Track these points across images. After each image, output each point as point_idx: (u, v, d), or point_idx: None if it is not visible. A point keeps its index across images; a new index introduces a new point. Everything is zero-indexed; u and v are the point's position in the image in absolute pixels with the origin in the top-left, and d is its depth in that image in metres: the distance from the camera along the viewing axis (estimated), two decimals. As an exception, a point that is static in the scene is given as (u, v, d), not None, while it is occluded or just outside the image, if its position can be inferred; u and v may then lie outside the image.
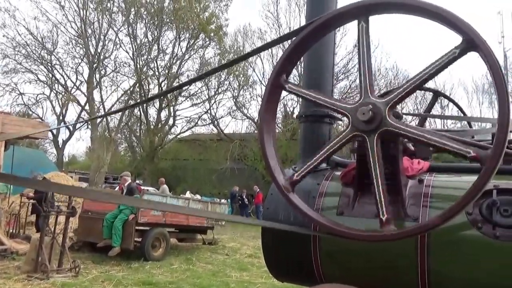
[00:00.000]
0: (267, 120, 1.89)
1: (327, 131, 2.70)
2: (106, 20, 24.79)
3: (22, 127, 9.18)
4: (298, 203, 1.81)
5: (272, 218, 2.40)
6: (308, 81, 2.75)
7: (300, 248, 2.25)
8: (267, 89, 1.87)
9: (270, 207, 2.52)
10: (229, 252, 11.35)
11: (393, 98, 1.61)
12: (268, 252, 2.48)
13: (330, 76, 2.80)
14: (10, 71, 24.09)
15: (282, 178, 1.81)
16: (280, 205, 2.38)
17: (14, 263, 8.33)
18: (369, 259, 2.04)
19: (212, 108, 28.89)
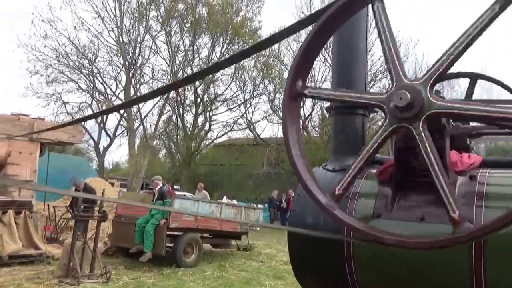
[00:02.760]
0: (292, 134, 1.70)
1: (361, 124, 2.47)
2: (143, 28, 25.22)
3: (57, 132, 9.27)
4: (346, 218, 1.60)
5: (300, 222, 2.25)
6: (338, 79, 2.55)
7: (331, 255, 2.09)
8: (284, 103, 1.69)
9: (297, 210, 2.36)
10: (264, 259, 10.98)
11: (432, 74, 1.38)
12: (296, 259, 2.34)
13: (362, 68, 2.52)
14: (54, 80, 25.02)
15: (322, 196, 1.61)
16: (308, 208, 2.22)
17: (48, 267, 8.36)
18: (411, 266, 1.85)
19: (247, 112, 28.75)
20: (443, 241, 1.34)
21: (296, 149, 1.68)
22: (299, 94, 1.66)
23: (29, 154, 8.93)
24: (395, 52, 1.48)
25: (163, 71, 25.85)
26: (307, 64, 1.69)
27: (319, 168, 2.52)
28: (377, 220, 1.87)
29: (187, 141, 28.69)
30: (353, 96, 1.58)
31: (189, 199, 10.22)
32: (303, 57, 1.66)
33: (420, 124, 1.38)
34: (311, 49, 1.65)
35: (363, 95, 1.56)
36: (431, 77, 1.38)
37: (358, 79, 2.49)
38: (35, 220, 9.23)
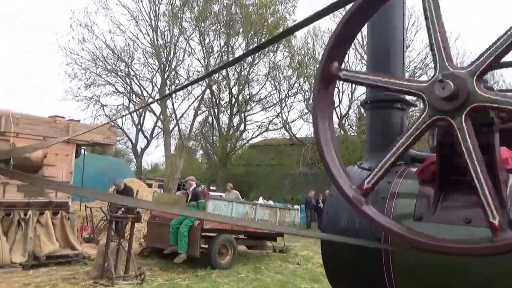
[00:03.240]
0: (322, 120, 1.56)
1: (399, 119, 2.28)
2: (177, 29, 25.42)
3: (92, 133, 9.31)
4: (378, 218, 1.45)
5: (333, 226, 2.11)
6: (373, 64, 2.38)
7: (368, 260, 1.93)
8: (316, 87, 1.56)
9: (330, 212, 2.21)
10: (301, 261, 10.65)
11: (483, 62, 1.23)
12: (329, 264, 2.19)
13: (400, 55, 2.32)
14: (92, 84, 25.69)
15: (350, 188, 1.49)
16: (342, 210, 2.07)
17: (85, 268, 8.39)
18: (456, 276, 1.70)
19: (283, 111, 28.41)
20: (495, 248, 1.21)
21: (326, 135, 1.53)
22: (333, 77, 1.51)
23: (65, 156, 9.01)
24: (441, 35, 1.32)
25: (197, 72, 25.96)
26: (344, 44, 1.53)
27: (354, 167, 2.35)
28: (417, 223, 1.72)
29: (223, 142, 28.71)
30: (390, 82, 1.41)
31: (224, 200, 10.01)
32: (340, 35, 1.49)
33: (463, 118, 1.25)
34: (350, 27, 1.49)
35: (401, 81, 1.40)
36: (481, 65, 1.24)
37: (396, 67, 2.28)
38: (71, 220, 9.31)
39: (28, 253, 8.28)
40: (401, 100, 2.23)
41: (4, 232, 8.15)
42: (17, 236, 8.30)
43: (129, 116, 29.37)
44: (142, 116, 29.38)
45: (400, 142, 1.40)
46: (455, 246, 1.28)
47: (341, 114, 26.49)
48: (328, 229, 2.13)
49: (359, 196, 1.44)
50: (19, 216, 8.36)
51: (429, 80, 1.33)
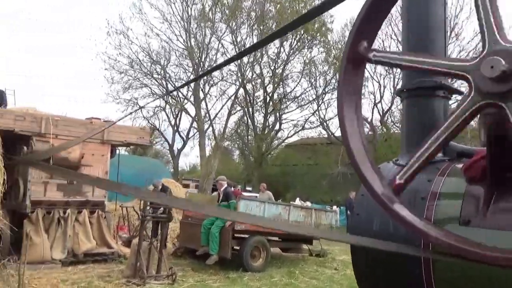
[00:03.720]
0: (349, 108, 1.40)
1: (441, 109, 2.04)
2: (209, 29, 25.58)
3: (125, 133, 9.47)
4: (413, 219, 1.27)
5: (364, 229, 1.93)
6: (410, 43, 2.11)
7: (404, 268, 1.74)
8: (342, 69, 1.39)
9: (361, 213, 2.04)
10: (339, 266, 10.25)
11: None
12: (360, 273, 2.05)
13: (441, 32, 2.05)
14: (129, 87, 26.35)
15: (379, 184, 1.32)
16: (374, 211, 1.86)
17: (120, 266, 8.51)
18: None
19: (320, 109, 27.79)
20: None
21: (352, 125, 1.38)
22: (362, 58, 1.35)
23: (101, 156, 9.20)
24: (490, 3, 1.12)
25: (231, 71, 26.00)
26: (375, 21, 1.36)
27: (388, 164, 2.15)
28: (464, 228, 1.51)
29: (258, 142, 28.56)
30: (427, 62, 1.23)
31: (255, 200, 9.89)
32: (370, 11, 1.32)
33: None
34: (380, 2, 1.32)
35: (441, 61, 1.22)
36: None
37: (436, 46, 2.01)
38: (108, 219, 9.51)
39: (67, 250, 8.52)
40: (443, 87, 1.98)
41: (45, 229, 8.42)
42: (57, 234, 8.56)
43: (165, 117, 29.88)
44: (178, 117, 29.84)
45: (438, 131, 1.23)
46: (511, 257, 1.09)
47: (383, 110, 25.66)
48: (359, 231, 1.96)
49: (390, 193, 1.27)
50: (58, 215, 8.62)
51: (475, 58, 1.16)
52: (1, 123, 7.61)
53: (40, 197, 8.34)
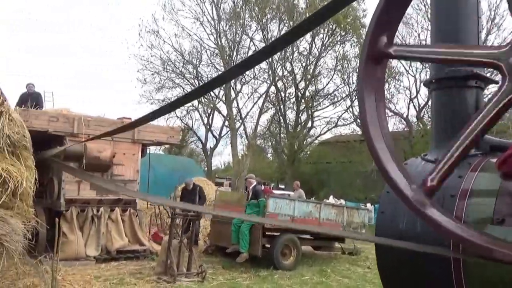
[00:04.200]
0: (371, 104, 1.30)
1: (473, 100, 1.86)
2: (239, 28, 25.61)
3: (156, 133, 9.58)
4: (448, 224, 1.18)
5: (390, 228, 1.82)
6: (439, 33, 1.96)
7: (433, 271, 1.64)
8: (361, 67, 1.29)
9: (386, 211, 1.92)
10: (372, 264, 9.98)
11: None
12: (386, 275, 1.93)
13: (473, 20, 1.88)
14: (162, 87, 26.79)
15: (408, 187, 1.22)
16: (400, 209, 1.76)
17: (151, 263, 8.61)
18: None
19: (353, 105, 27.25)
20: None
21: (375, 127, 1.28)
22: (382, 55, 1.25)
23: (132, 155, 9.35)
24: None
25: (262, 69, 25.92)
26: (394, 14, 1.25)
27: (416, 159, 2.00)
28: (498, 228, 1.40)
29: (290, 139, 28.37)
30: (457, 52, 1.14)
31: (285, 198, 9.76)
32: (388, 3, 1.22)
33: None
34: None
35: (471, 50, 1.15)
36: None
37: (468, 35, 1.83)
38: (140, 217, 9.65)
39: (101, 247, 8.71)
40: (476, 76, 1.83)
41: (79, 227, 8.64)
42: (90, 231, 8.77)
43: (198, 117, 30.19)
44: (211, 116, 30.09)
45: (472, 125, 1.15)
46: None
47: (420, 105, 24.90)
48: (384, 230, 1.85)
49: (421, 198, 1.18)
50: (92, 213, 8.82)
51: (508, 45, 1.08)
52: (36, 124, 7.85)
53: (74, 195, 8.56)
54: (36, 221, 4.93)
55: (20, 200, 4.26)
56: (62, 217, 8.19)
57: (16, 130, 4.17)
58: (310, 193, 24.18)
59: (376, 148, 1.24)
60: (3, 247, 4.03)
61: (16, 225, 4.15)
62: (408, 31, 23.74)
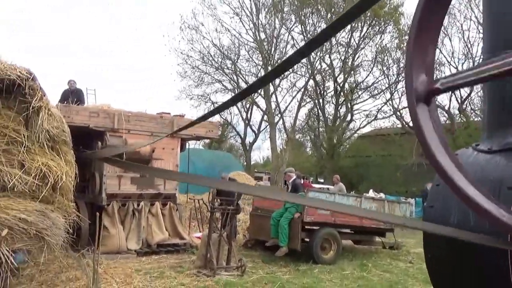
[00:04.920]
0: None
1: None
2: (278, 22, 25.40)
3: (194, 127, 9.60)
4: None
5: (440, 222, 1.70)
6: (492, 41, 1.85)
7: (488, 265, 1.56)
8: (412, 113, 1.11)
9: (435, 205, 1.82)
10: (414, 259, 9.69)
11: None
12: (435, 270, 1.84)
13: None
14: (201, 82, 27.06)
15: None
16: (451, 202, 1.68)
17: (191, 257, 8.66)
18: None
19: (393, 98, 26.54)
20: None
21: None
22: (428, 94, 1.11)
23: (171, 150, 9.43)
24: None
25: (301, 63, 25.57)
26: (428, 46, 1.09)
27: (467, 149, 1.88)
28: None
29: (329, 133, 27.97)
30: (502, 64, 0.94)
31: (324, 192, 9.57)
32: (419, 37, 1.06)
33: None
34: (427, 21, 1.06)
35: None
36: None
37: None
38: (180, 211, 9.74)
39: (141, 241, 8.85)
40: None
41: (120, 221, 8.81)
42: (131, 225, 8.92)
43: (237, 112, 30.32)
44: (250, 111, 30.14)
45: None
46: None
47: (462, 97, 23.86)
48: None
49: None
50: (133, 207, 8.97)
51: None
52: (77, 119, 8.05)
53: (115, 190, 8.73)
54: (77, 215, 5.01)
55: (61, 195, 4.33)
56: (103, 212, 8.38)
57: (55, 124, 4.25)
58: (349, 187, 23.75)
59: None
60: (44, 240, 4.12)
61: (57, 219, 4.23)
62: (450, 22, 22.80)
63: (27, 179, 4.14)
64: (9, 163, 4.19)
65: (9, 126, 4.23)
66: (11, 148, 4.24)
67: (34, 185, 4.20)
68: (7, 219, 3.95)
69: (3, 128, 4.23)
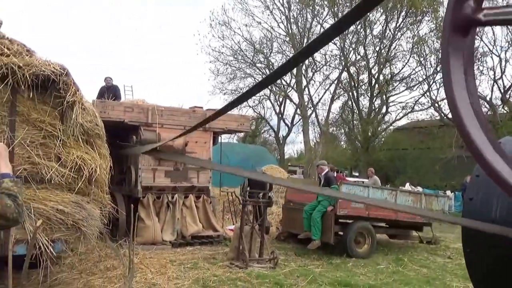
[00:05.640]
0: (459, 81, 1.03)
1: None
2: (310, 14, 25.06)
3: (226, 121, 9.67)
4: None
5: (481, 215, 1.65)
6: None
7: None
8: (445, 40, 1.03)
9: (475, 198, 1.75)
10: (453, 254, 9.39)
11: None
12: (475, 268, 1.77)
13: None
14: (234, 77, 27.19)
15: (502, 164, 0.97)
16: (493, 194, 1.62)
17: (225, 249, 8.75)
18: None
19: (431, 89, 25.65)
20: None
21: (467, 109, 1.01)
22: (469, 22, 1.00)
23: (204, 143, 9.53)
24: None
25: (334, 55, 25.24)
26: None
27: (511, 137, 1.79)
28: None
29: (363, 126, 27.46)
30: None
31: (358, 185, 9.40)
32: None
33: None
34: None
35: None
36: None
37: None
38: (213, 204, 9.85)
39: (176, 232, 9.02)
40: None
41: (155, 213, 9.01)
42: (166, 217, 9.10)
43: (270, 106, 30.29)
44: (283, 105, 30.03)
45: None
46: None
47: (505, 87, 22.77)
48: (473, 218, 1.69)
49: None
50: (167, 199, 9.14)
51: None
52: (113, 114, 8.27)
53: (150, 183, 8.93)
54: (112, 207, 5.15)
55: (96, 187, 4.47)
56: (139, 204, 8.59)
57: (88, 119, 4.38)
58: (385, 180, 23.27)
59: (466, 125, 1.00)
60: (80, 231, 4.27)
61: (92, 210, 4.37)
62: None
63: (63, 171, 4.30)
64: (46, 156, 4.37)
65: (45, 120, 4.41)
66: (47, 142, 4.42)
67: (70, 178, 4.35)
68: (45, 210, 4.12)
69: (40, 122, 4.41)
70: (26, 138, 4.38)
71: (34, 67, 4.25)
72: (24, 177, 4.32)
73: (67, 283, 5.68)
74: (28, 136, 4.40)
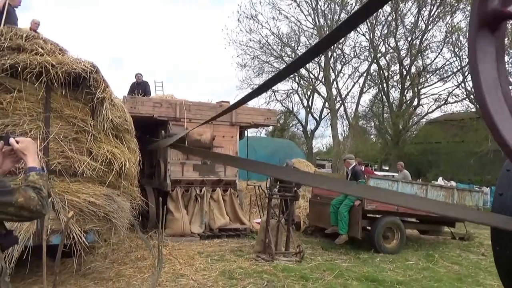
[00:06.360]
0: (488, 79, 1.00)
1: None
2: (338, 6, 24.68)
3: (253, 115, 9.72)
4: None
5: (510, 211, 1.61)
6: None
7: None
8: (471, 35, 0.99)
9: (505, 193, 1.70)
10: (487, 251, 9.06)
11: None
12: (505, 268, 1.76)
13: None
14: (261, 72, 27.16)
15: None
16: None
17: (251, 242, 8.84)
18: None
19: (466, 80, 24.76)
20: None
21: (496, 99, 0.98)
22: (496, 17, 0.95)
23: (231, 137, 9.62)
24: None
25: (363, 47, 24.77)
26: None
27: None
28: None
29: (394, 119, 26.88)
30: None
31: (387, 179, 9.25)
32: None
33: None
34: None
35: None
36: None
37: None
38: (240, 197, 9.95)
39: (204, 225, 9.18)
40: None
41: (184, 206, 9.19)
42: (194, 210, 9.28)
43: (298, 99, 30.10)
44: (311, 99, 29.79)
45: None
46: None
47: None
48: (503, 214, 1.64)
49: None
50: (195, 192, 9.31)
51: None
52: (143, 110, 8.47)
53: (178, 176, 9.10)
54: (142, 199, 5.30)
55: (126, 180, 4.61)
56: (168, 197, 8.78)
57: (118, 114, 4.52)
58: (416, 174, 22.76)
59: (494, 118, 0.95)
60: (111, 222, 4.42)
61: (122, 203, 4.52)
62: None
63: (94, 165, 4.47)
64: (79, 151, 4.55)
65: (77, 116, 4.59)
66: (80, 137, 4.60)
67: (101, 171, 4.51)
68: (78, 202, 4.30)
69: (72, 118, 4.59)
70: (60, 133, 4.57)
71: (66, 65, 4.42)
72: (58, 171, 4.51)
73: (99, 272, 5.89)
74: (61, 132, 4.59)
